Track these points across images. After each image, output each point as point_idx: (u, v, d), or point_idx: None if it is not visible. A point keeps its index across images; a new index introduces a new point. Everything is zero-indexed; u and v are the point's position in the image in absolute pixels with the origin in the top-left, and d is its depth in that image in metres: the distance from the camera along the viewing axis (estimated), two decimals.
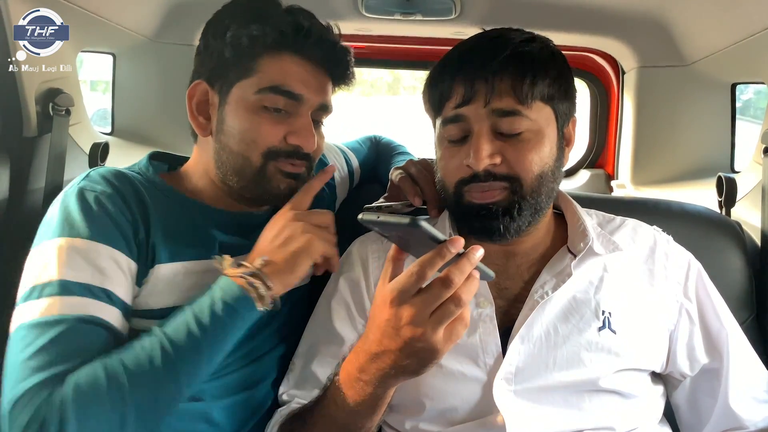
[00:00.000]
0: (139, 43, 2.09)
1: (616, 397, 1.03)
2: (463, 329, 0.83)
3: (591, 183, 2.52)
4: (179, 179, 1.19)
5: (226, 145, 1.11)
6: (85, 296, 0.94)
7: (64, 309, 0.93)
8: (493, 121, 1.02)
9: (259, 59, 1.08)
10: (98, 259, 0.97)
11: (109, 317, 0.96)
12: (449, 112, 1.05)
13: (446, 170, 1.09)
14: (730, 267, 1.35)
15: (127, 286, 1.01)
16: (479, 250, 0.81)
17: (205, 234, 1.13)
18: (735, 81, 2.02)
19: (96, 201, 1.01)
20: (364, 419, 0.95)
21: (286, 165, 1.12)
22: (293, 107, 1.11)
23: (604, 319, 1.05)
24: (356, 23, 2.05)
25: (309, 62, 1.11)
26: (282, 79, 1.09)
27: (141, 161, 1.18)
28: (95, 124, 2.17)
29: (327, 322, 1.15)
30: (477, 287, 0.81)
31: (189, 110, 1.14)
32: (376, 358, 0.87)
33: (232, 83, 1.10)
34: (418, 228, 0.75)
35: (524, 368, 1.02)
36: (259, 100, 1.09)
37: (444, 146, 1.09)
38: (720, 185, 1.58)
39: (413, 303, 0.80)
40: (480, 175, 1.02)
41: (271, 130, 1.10)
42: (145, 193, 1.08)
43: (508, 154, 1.02)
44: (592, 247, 1.09)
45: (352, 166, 1.52)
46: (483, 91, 1.02)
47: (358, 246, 1.23)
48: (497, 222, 1.03)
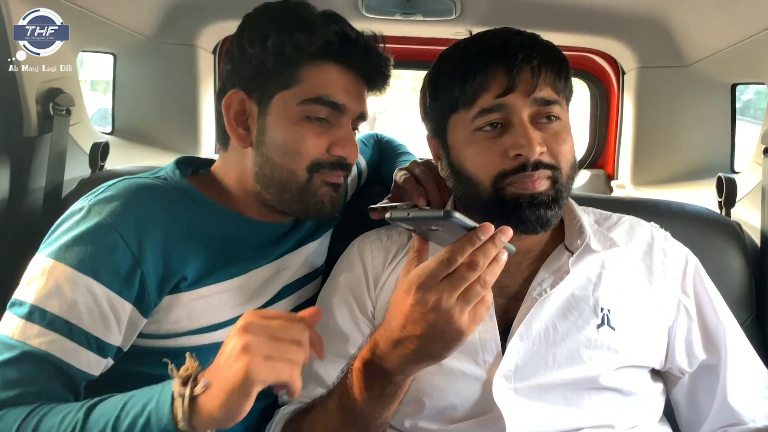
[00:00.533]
0: (139, 43, 2.09)
1: (616, 395, 1.03)
2: (485, 311, 0.84)
3: (591, 183, 2.52)
4: (208, 184, 1.16)
5: (269, 157, 1.09)
6: (49, 329, 0.92)
7: (24, 336, 0.91)
8: (535, 110, 1.03)
9: (302, 69, 1.06)
10: (77, 292, 0.93)
11: (66, 355, 0.92)
12: (488, 102, 1.03)
13: (482, 164, 1.05)
14: (730, 267, 1.35)
15: (109, 323, 0.96)
16: (507, 232, 0.81)
17: (236, 249, 1.11)
18: (735, 81, 2.02)
19: (97, 227, 0.97)
20: (381, 409, 0.95)
21: (330, 176, 1.11)
22: (335, 117, 1.09)
23: (603, 316, 1.05)
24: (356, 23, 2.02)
25: (351, 71, 1.09)
26: (326, 90, 1.07)
27: (168, 166, 1.15)
28: (96, 123, 2.17)
29: (329, 320, 1.15)
30: (501, 268, 0.82)
31: (227, 121, 1.10)
32: (399, 345, 0.87)
33: (273, 93, 1.07)
34: (451, 218, 0.77)
35: (524, 366, 1.02)
36: (303, 110, 1.07)
37: (475, 139, 1.06)
38: (720, 186, 1.58)
39: (440, 287, 0.80)
40: (530, 164, 1.01)
41: (316, 142, 1.08)
42: (172, 208, 1.05)
43: (549, 142, 1.03)
44: (589, 244, 1.09)
45: (360, 167, 1.52)
46: (528, 79, 1.02)
47: (358, 245, 1.23)
48: (544, 210, 1.02)
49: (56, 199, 1.61)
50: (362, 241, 1.23)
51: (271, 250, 1.16)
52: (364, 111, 1.14)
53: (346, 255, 1.23)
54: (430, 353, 0.86)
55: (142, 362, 1.02)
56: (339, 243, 1.31)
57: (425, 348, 0.85)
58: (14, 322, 0.92)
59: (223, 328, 1.07)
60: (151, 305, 1.00)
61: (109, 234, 0.96)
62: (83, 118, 1.88)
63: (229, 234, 1.11)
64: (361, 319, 1.14)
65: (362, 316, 1.14)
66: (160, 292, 1.01)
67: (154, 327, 1.02)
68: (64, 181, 1.65)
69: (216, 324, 1.07)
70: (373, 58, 1.11)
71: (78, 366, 0.94)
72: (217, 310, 1.07)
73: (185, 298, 1.04)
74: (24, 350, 0.90)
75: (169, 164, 1.16)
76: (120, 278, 0.96)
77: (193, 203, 1.09)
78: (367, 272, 1.17)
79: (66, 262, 0.94)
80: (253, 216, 1.15)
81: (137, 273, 0.97)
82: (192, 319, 1.04)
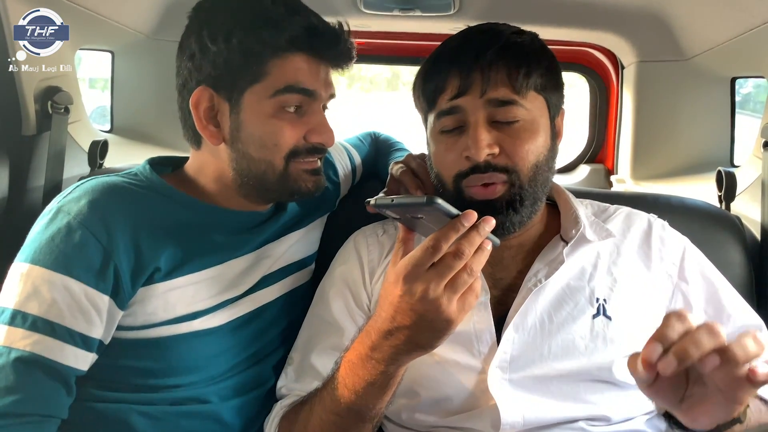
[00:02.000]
0: (137, 41, 2.09)
1: (612, 387, 1.03)
2: (474, 299, 0.85)
3: (591, 178, 2.52)
4: (183, 181, 1.17)
5: (246, 152, 1.09)
6: (33, 330, 0.93)
7: (9, 340, 0.93)
8: (489, 112, 1.03)
9: (269, 62, 1.06)
10: (55, 291, 0.95)
11: (53, 354, 0.94)
12: (444, 105, 1.06)
13: (442, 164, 1.09)
14: (730, 261, 1.35)
15: (90, 317, 0.98)
16: (490, 221, 0.82)
17: (211, 239, 1.12)
18: (735, 75, 2.02)
19: (67, 227, 0.98)
20: (375, 399, 0.95)
21: (306, 163, 1.12)
22: (307, 104, 1.10)
23: (598, 306, 1.05)
24: (355, 19, 2.04)
25: (317, 58, 1.10)
26: (294, 78, 1.07)
27: (140, 166, 1.16)
28: (94, 121, 2.17)
29: (326, 313, 1.16)
30: (487, 257, 0.83)
31: (197, 119, 1.09)
32: (390, 336, 0.87)
33: (243, 89, 1.07)
34: (434, 204, 0.77)
35: (519, 356, 1.03)
36: (275, 102, 1.07)
37: (439, 140, 1.09)
38: (720, 179, 1.58)
39: (427, 277, 0.81)
40: (480, 166, 1.03)
41: (292, 132, 1.09)
42: (142, 203, 1.07)
43: (505, 143, 1.03)
44: (584, 234, 1.09)
45: (355, 163, 1.52)
46: (479, 81, 1.03)
47: (355, 239, 1.24)
48: (502, 217, 1.04)
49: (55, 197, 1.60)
50: (359, 235, 1.24)
51: (249, 239, 1.17)
52: (333, 93, 1.16)
53: (343, 249, 1.24)
54: (420, 343, 0.87)
55: (123, 355, 1.04)
56: (335, 238, 1.31)
57: (416, 338, 0.86)
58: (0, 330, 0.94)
59: (200, 318, 1.08)
60: (127, 297, 1.01)
61: (78, 232, 0.98)
62: (82, 116, 1.88)
63: (204, 224, 1.12)
64: (357, 312, 1.14)
65: (358, 309, 1.14)
66: (134, 283, 1.02)
67: (130, 319, 1.03)
68: (64, 180, 1.65)
69: (192, 313, 1.07)
70: (339, 45, 1.11)
71: (66, 363, 0.95)
72: (193, 300, 1.08)
73: (160, 289, 1.05)
74: (11, 356, 0.92)
75: (141, 164, 1.17)
76: (94, 272, 0.98)
77: (165, 197, 1.11)
78: (363, 266, 1.17)
79: (40, 264, 0.96)
80: (230, 207, 1.16)
81: (110, 266, 0.99)
82: (168, 309, 1.05)
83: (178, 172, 1.20)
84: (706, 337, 0.72)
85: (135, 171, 1.15)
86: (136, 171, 1.15)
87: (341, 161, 1.46)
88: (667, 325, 0.74)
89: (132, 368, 1.04)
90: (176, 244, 1.07)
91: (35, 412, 0.93)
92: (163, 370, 1.06)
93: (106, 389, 1.03)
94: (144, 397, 1.04)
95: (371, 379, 0.92)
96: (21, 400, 0.91)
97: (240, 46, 1.04)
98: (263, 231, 1.20)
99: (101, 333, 1.00)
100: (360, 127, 1.78)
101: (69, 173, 1.68)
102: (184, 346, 1.07)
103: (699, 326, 0.73)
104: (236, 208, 1.16)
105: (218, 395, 1.10)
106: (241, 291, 1.14)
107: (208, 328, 1.09)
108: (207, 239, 1.11)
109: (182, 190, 1.13)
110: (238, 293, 1.14)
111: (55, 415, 0.96)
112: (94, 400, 1.03)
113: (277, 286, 1.21)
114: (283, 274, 1.23)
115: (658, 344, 0.72)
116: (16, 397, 0.91)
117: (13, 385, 0.91)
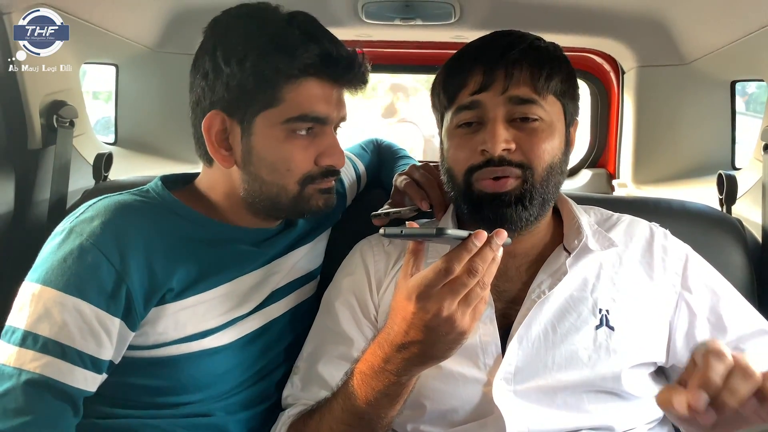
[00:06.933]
0: (141, 54, 2.11)
1: (616, 398, 1.04)
2: (483, 306, 0.86)
3: (592, 182, 2.52)
4: (195, 197, 1.17)
5: (258, 175, 1.09)
6: (43, 352, 0.94)
7: (19, 362, 0.93)
8: (509, 109, 1.05)
9: (283, 88, 1.05)
10: (66, 314, 0.95)
11: (62, 376, 0.94)
12: (465, 99, 1.07)
13: (456, 158, 1.09)
14: (732, 264, 1.35)
15: (100, 340, 0.97)
16: (502, 234, 0.83)
17: (222, 257, 1.12)
18: (734, 78, 2.02)
19: (79, 249, 0.98)
20: (387, 409, 0.96)
21: (321, 184, 1.13)
22: (319, 128, 1.10)
23: (601, 317, 1.06)
24: (356, 29, 2.06)
25: (331, 83, 1.09)
26: (309, 107, 1.07)
27: (152, 183, 1.16)
28: (98, 132, 2.18)
29: (333, 324, 1.16)
30: (497, 266, 0.84)
31: (209, 143, 1.09)
32: (403, 349, 0.88)
33: (255, 113, 1.06)
34: (444, 236, 0.79)
35: (523, 368, 1.03)
36: (287, 128, 1.07)
37: (454, 134, 1.10)
38: (720, 183, 1.58)
39: (441, 295, 0.82)
40: (494, 160, 1.03)
41: (303, 156, 1.09)
42: (154, 223, 1.07)
43: (522, 141, 1.04)
44: (587, 244, 1.10)
45: (359, 172, 1.53)
46: (502, 78, 1.04)
47: (361, 249, 1.24)
48: (510, 210, 1.04)
49: (61, 210, 1.62)
50: (364, 245, 1.24)
51: (258, 256, 1.17)
52: (344, 116, 1.16)
53: (349, 259, 1.24)
54: (433, 355, 0.88)
55: (133, 374, 1.04)
56: (340, 247, 1.32)
57: (429, 351, 0.87)
58: (9, 350, 0.94)
59: (210, 336, 1.09)
60: (138, 319, 1.02)
61: (91, 253, 0.98)
62: (86, 129, 1.89)
63: (215, 241, 1.12)
64: (364, 323, 1.15)
65: (365, 320, 1.15)
66: (147, 305, 1.02)
67: (141, 339, 1.03)
68: (69, 192, 1.67)
69: (203, 332, 1.08)
70: (353, 71, 1.11)
71: (75, 385, 0.96)
72: (204, 318, 1.08)
73: (171, 309, 1.05)
74: (21, 378, 0.92)
75: (154, 180, 1.17)
76: (106, 295, 0.98)
77: (176, 215, 1.11)
78: (370, 276, 1.18)
79: (52, 285, 0.96)
80: (239, 224, 1.16)
81: (123, 288, 0.99)
82: (178, 328, 1.06)
83: (190, 187, 1.20)
84: (741, 383, 0.73)
85: (147, 188, 1.15)
86: (149, 188, 1.15)
87: (347, 173, 1.46)
88: (709, 368, 0.74)
89: (141, 386, 1.05)
90: (188, 263, 1.07)
91: None
92: (173, 389, 1.06)
93: (116, 406, 1.04)
94: (152, 413, 1.05)
95: (384, 389, 0.93)
96: (30, 422, 0.91)
97: (253, 70, 1.04)
98: (272, 246, 1.20)
99: (111, 354, 1.00)
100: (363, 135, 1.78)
101: (74, 186, 1.69)
102: (194, 365, 1.07)
103: (733, 371, 0.74)
104: (246, 224, 1.17)
105: (225, 410, 1.11)
106: (251, 308, 1.15)
107: (218, 346, 1.09)
108: (218, 257, 1.12)
109: (194, 207, 1.13)
110: (248, 310, 1.14)
111: None
112: (103, 416, 1.03)
113: (285, 301, 1.22)
114: (291, 289, 1.24)
115: (704, 393, 0.73)
116: (26, 419, 0.91)
117: (23, 407, 0.91)
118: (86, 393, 0.98)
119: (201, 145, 1.13)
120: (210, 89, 1.08)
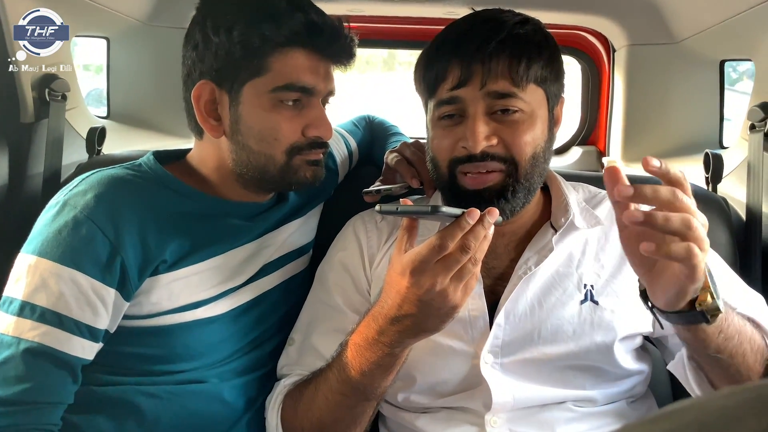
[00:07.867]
0: (132, 27, 2.09)
1: (599, 371, 1.07)
2: (474, 281, 0.89)
3: (583, 160, 2.54)
4: (187, 171, 1.18)
5: (246, 145, 1.11)
6: (41, 321, 0.96)
7: (17, 331, 0.96)
8: (489, 103, 1.04)
9: (270, 57, 1.07)
10: (62, 284, 0.98)
11: (60, 344, 0.98)
12: (444, 94, 1.07)
13: (439, 149, 1.10)
14: (716, 242, 1.36)
15: (96, 309, 1.00)
16: (494, 212, 0.85)
17: (214, 230, 1.14)
18: (723, 58, 2.03)
19: (74, 221, 1.00)
20: (381, 379, 0.99)
21: (310, 155, 1.14)
22: (306, 99, 1.12)
23: (586, 292, 1.08)
24: (348, 3, 2.05)
25: (318, 54, 1.11)
26: (296, 76, 1.08)
27: (144, 158, 1.17)
28: (90, 104, 2.16)
29: (327, 298, 1.19)
30: (488, 243, 0.87)
31: (198, 112, 1.11)
32: (396, 322, 0.91)
33: (242, 82, 1.08)
34: (439, 212, 0.82)
35: (510, 342, 1.06)
36: (274, 97, 1.08)
37: (438, 127, 1.10)
38: (707, 162, 1.60)
39: (434, 271, 0.84)
40: (477, 155, 1.04)
41: (290, 126, 1.10)
42: (147, 196, 1.08)
43: (504, 135, 1.04)
44: (573, 222, 1.11)
45: (351, 149, 1.54)
46: (479, 73, 1.03)
47: (354, 225, 1.26)
48: (492, 204, 1.05)
49: (55, 184, 1.62)
50: (357, 221, 1.26)
51: (250, 229, 1.19)
52: (332, 89, 1.17)
53: (342, 234, 1.26)
54: (426, 328, 0.91)
55: (128, 342, 1.07)
56: (332, 223, 1.33)
57: (422, 323, 0.90)
58: (7, 320, 0.97)
59: (203, 306, 1.11)
60: (133, 289, 1.04)
61: (85, 226, 1.00)
62: (79, 102, 1.89)
63: (207, 215, 1.14)
64: (357, 297, 1.17)
65: (358, 294, 1.17)
66: (141, 276, 1.04)
67: (135, 309, 1.06)
68: (63, 166, 1.67)
69: (196, 302, 1.10)
70: (339, 41, 1.12)
71: (73, 353, 0.99)
72: (197, 290, 1.10)
73: (164, 280, 1.07)
74: (20, 346, 0.95)
75: (146, 155, 1.18)
76: (101, 266, 1.00)
77: (169, 189, 1.12)
78: (363, 252, 1.20)
79: (48, 256, 0.99)
80: (231, 197, 1.18)
81: (117, 260, 1.01)
82: (172, 299, 1.08)
83: (182, 162, 1.22)
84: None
85: (140, 162, 1.16)
86: (141, 162, 1.16)
87: (338, 149, 1.48)
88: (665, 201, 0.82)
89: (136, 355, 1.08)
90: (181, 235, 1.09)
91: (44, 400, 0.97)
92: (167, 357, 1.09)
93: (112, 374, 1.07)
94: (148, 380, 1.08)
95: (378, 360, 0.96)
96: (31, 388, 0.95)
97: (241, 39, 1.06)
98: (264, 220, 1.22)
99: (107, 324, 1.03)
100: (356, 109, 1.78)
101: (67, 160, 1.69)
102: (188, 334, 1.10)
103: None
104: (238, 198, 1.19)
105: (219, 377, 1.13)
106: (243, 280, 1.17)
107: (211, 317, 1.12)
108: (210, 230, 1.14)
109: (186, 181, 1.15)
110: (240, 282, 1.16)
111: (63, 401, 1.00)
112: (100, 384, 1.06)
113: (277, 274, 1.24)
114: (283, 262, 1.26)
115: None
116: (26, 386, 0.95)
117: (23, 375, 0.95)
118: (84, 361, 1.01)
119: (192, 118, 1.14)
120: (200, 59, 1.10)
